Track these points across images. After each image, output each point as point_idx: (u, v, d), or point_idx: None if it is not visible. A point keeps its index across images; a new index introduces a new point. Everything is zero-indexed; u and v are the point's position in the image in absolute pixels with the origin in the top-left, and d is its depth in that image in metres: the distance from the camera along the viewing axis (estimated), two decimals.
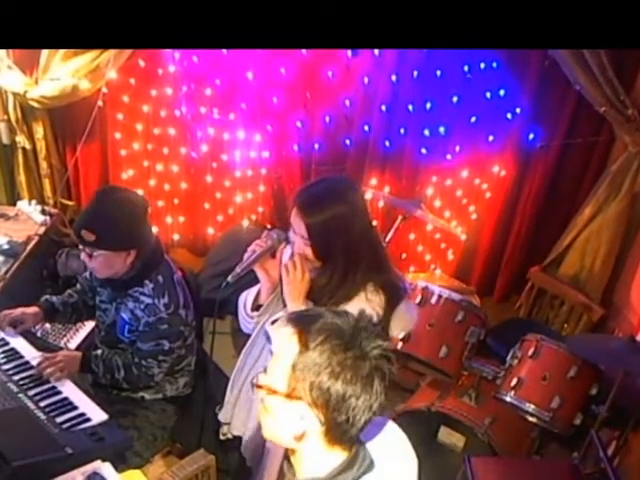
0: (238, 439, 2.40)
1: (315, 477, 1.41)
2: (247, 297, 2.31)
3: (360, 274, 2.04)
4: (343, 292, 2.05)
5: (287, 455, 1.49)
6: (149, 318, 2.60)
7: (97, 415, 2.43)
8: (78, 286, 2.96)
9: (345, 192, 2.06)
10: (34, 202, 3.94)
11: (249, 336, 2.34)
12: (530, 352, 3.13)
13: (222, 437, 2.44)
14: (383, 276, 2.08)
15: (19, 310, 2.77)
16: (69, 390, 2.54)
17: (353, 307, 1.88)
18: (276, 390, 1.38)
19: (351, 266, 2.04)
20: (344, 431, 1.36)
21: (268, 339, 2.13)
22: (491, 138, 3.97)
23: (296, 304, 2.06)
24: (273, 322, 2.11)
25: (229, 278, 2.12)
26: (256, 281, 2.27)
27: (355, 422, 1.34)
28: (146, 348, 2.65)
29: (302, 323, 1.39)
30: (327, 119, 4.08)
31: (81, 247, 2.55)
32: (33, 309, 2.80)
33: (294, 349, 1.36)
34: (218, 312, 4.01)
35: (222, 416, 2.40)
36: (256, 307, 2.27)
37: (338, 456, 1.41)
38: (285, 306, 2.16)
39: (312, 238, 2.02)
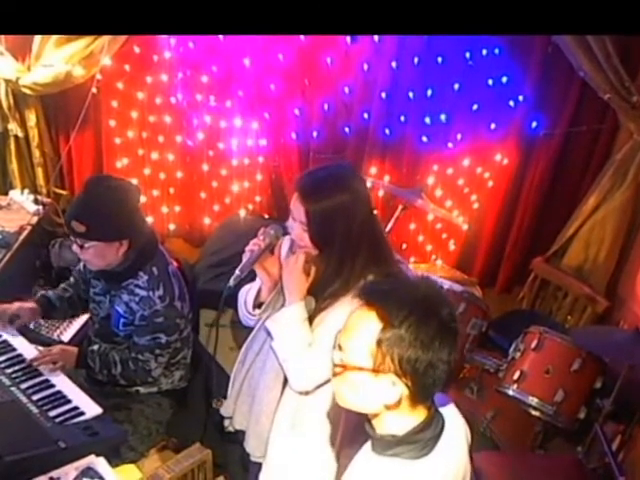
0: (238, 434, 2.36)
1: (395, 434, 1.49)
2: (247, 295, 2.25)
3: (359, 265, 1.98)
4: (340, 283, 1.99)
5: (367, 417, 1.56)
6: (144, 311, 2.57)
7: (91, 409, 2.41)
8: (72, 279, 2.92)
9: (349, 180, 2.00)
10: (26, 191, 3.90)
11: (248, 329, 2.29)
12: (533, 344, 3.09)
13: (225, 430, 2.40)
14: (384, 268, 2.03)
15: (16, 305, 2.73)
16: (62, 383, 2.52)
17: (351, 300, 1.82)
18: (361, 367, 1.44)
19: (348, 256, 1.99)
20: (429, 392, 1.48)
21: (269, 334, 2.08)
22: (493, 126, 3.94)
23: (294, 299, 2.02)
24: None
25: (231, 282, 2.06)
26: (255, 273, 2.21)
27: (440, 382, 1.45)
28: (143, 342, 2.61)
29: (377, 299, 1.45)
30: (326, 106, 4.05)
31: (72, 238, 2.51)
32: (30, 304, 2.75)
33: (376, 326, 1.42)
34: (214, 304, 3.97)
35: (224, 410, 2.36)
36: (257, 304, 2.22)
37: (417, 417, 1.50)
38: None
39: (311, 225, 1.97)
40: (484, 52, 3.77)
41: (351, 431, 1.71)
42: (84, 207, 2.48)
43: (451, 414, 1.60)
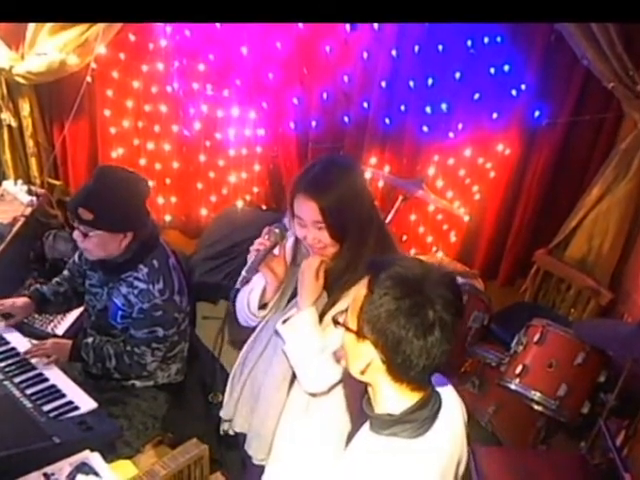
0: (238, 437, 2.33)
1: (391, 413, 1.53)
2: (250, 296, 2.20)
3: (368, 254, 1.97)
4: (350, 275, 1.97)
5: (367, 397, 1.62)
6: (143, 304, 2.54)
7: (86, 403, 2.40)
8: (66, 272, 2.88)
9: (351, 168, 2.02)
10: (20, 182, 3.88)
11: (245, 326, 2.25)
12: (536, 338, 3.07)
13: (222, 433, 2.36)
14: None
15: (9, 302, 2.71)
16: (57, 377, 2.51)
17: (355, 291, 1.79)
18: (349, 328, 1.53)
19: (361, 245, 1.99)
20: (403, 372, 1.48)
21: (280, 337, 2.05)
22: (495, 115, 3.92)
23: (307, 303, 2.00)
24: (284, 321, 2.03)
25: (238, 285, 2.04)
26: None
27: (412, 365, 1.45)
28: (139, 335, 2.59)
29: (374, 269, 1.51)
30: (325, 96, 4.02)
31: (76, 225, 2.47)
32: (23, 300, 2.74)
33: (364, 293, 1.49)
34: (211, 297, 3.94)
35: (223, 413, 2.33)
36: (261, 305, 2.19)
37: (414, 396, 1.53)
38: (290, 301, 2.11)
39: (327, 219, 1.93)
40: (486, 40, 3.74)
41: (356, 412, 1.76)
42: (93, 195, 2.44)
43: (448, 394, 1.63)
